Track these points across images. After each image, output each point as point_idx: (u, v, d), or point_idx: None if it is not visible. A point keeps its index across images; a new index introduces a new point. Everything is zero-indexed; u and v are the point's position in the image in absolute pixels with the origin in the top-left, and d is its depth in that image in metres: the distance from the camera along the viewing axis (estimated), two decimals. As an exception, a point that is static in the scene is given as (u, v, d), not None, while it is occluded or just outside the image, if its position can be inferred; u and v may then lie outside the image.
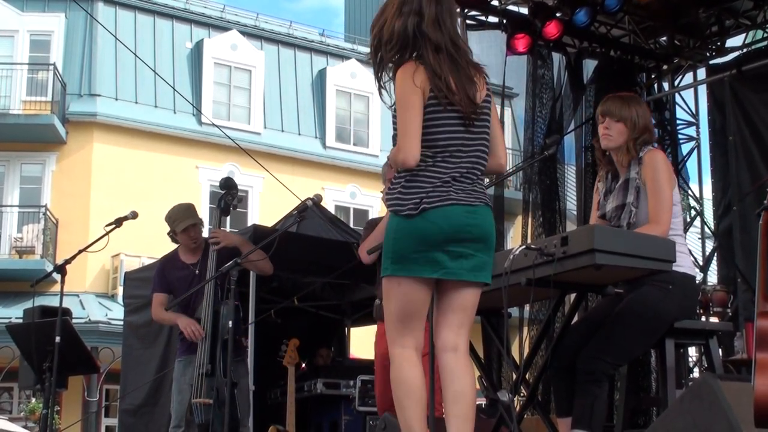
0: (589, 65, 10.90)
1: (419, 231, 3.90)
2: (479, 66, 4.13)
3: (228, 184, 7.18)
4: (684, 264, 4.72)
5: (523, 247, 4.48)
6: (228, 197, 7.10)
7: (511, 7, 10.28)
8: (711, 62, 11.10)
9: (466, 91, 3.99)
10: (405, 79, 3.96)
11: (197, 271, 7.14)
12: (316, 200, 6.88)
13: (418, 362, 3.95)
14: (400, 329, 3.97)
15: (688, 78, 11.43)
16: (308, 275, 9.98)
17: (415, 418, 3.89)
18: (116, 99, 22.77)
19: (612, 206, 4.90)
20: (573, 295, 4.77)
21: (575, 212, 10.86)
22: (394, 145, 4.03)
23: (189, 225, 7.21)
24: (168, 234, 7.36)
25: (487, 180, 4.19)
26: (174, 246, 7.51)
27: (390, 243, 3.96)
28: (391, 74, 4.07)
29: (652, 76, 11.31)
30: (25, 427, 15.73)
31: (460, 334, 4.01)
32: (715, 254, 10.81)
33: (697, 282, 4.96)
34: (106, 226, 6.97)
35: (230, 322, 6.36)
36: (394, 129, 4.05)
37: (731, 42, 11.06)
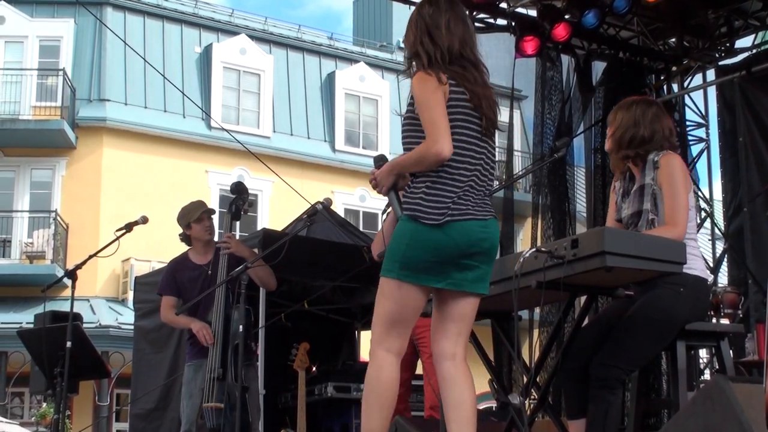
0: (598, 67, 10.88)
1: (436, 243, 3.94)
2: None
3: (239, 189, 7.19)
4: (696, 267, 4.70)
5: (533, 249, 4.47)
6: (239, 201, 7.11)
7: (519, 10, 10.27)
8: (720, 63, 11.08)
9: (490, 104, 4.11)
10: (428, 80, 4.02)
11: (209, 272, 7.13)
12: (326, 204, 6.88)
13: (395, 369, 4.01)
14: (388, 331, 4.04)
15: (698, 79, 11.40)
16: (318, 279, 9.98)
17: (374, 418, 3.96)
18: (125, 104, 22.82)
19: (628, 212, 4.86)
20: (583, 298, 4.76)
21: (585, 214, 10.84)
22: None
23: (203, 212, 7.22)
24: (180, 235, 7.36)
25: (496, 182, 4.23)
26: (185, 249, 7.51)
27: (402, 248, 3.98)
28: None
29: (661, 78, 11.29)
30: (36, 432, 15.78)
31: (458, 343, 4.09)
32: (726, 255, 10.78)
33: (708, 285, 4.93)
34: (117, 231, 6.98)
35: (241, 327, 6.38)
36: (411, 132, 4.09)
37: (740, 43, 11.03)
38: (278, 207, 22.23)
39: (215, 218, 7.50)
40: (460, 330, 4.10)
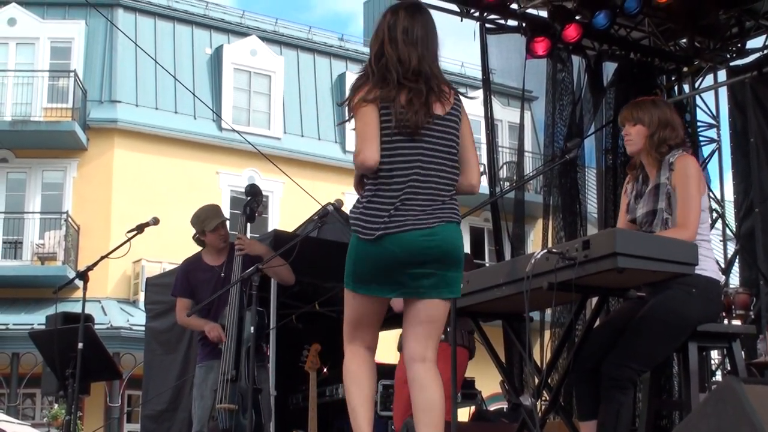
0: (609, 68, 10.88)
1: (375, 257, 4.06)
2: (449, 84, 4.23)
3: (253, 191, 7.18)
4: (708, 268, 4.70)
5: (545, 250, 4.47)
6: (253, 204, 7.10)
7: (530, 11, 10.27)
8: (731, 64, 11.07)
9: (420, 108, 4.06)
10: (360, 97, 4.09)
11: (222, 274, 7.13)
12: (337, 205, 6.89)
13: (368, 357, 4.28)
14: (352, 333, 4.26)
15: (709, 80, 11.39)
16: (329, 280, 9.95)
17: (359, 403, 4.22)
18: (137, 105, 22.86)
19: (643, 212, 4.87)
20: (595, 299, 4.75)
21: (596, 215, 10.83)
22: None
23: (219, 223, 7.21)
24: (194, 238, 7.34)
25: (508, 183, 4.23)
26: (196, 250, 7.50)
27: (350, 263, 4.14)
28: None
29: (673, 79, 11.28)
30: (47, 432, 15.81)
31: (428, 346, 4.17)
32: (737, 256, 10.76)
33: (721, 286, 4.92)
34: (128, 232, 6.98)
35: (252, 329, 6.38)
36: None
37: (752, 43, 11.02)
38: (289, 208, 22.23)
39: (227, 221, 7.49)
40: (430, 333, 4.17)
